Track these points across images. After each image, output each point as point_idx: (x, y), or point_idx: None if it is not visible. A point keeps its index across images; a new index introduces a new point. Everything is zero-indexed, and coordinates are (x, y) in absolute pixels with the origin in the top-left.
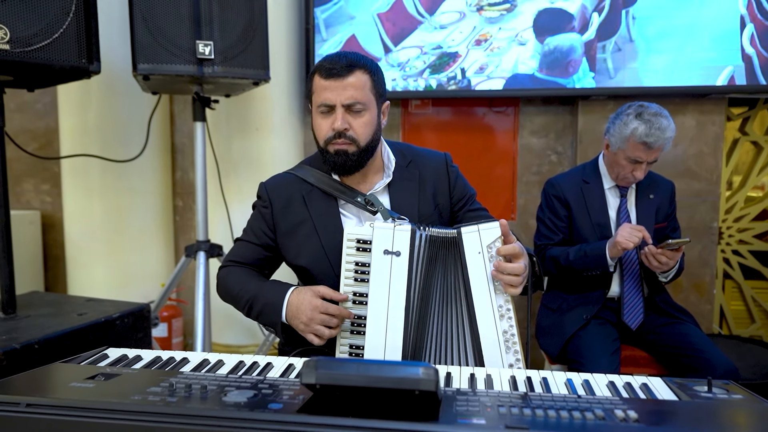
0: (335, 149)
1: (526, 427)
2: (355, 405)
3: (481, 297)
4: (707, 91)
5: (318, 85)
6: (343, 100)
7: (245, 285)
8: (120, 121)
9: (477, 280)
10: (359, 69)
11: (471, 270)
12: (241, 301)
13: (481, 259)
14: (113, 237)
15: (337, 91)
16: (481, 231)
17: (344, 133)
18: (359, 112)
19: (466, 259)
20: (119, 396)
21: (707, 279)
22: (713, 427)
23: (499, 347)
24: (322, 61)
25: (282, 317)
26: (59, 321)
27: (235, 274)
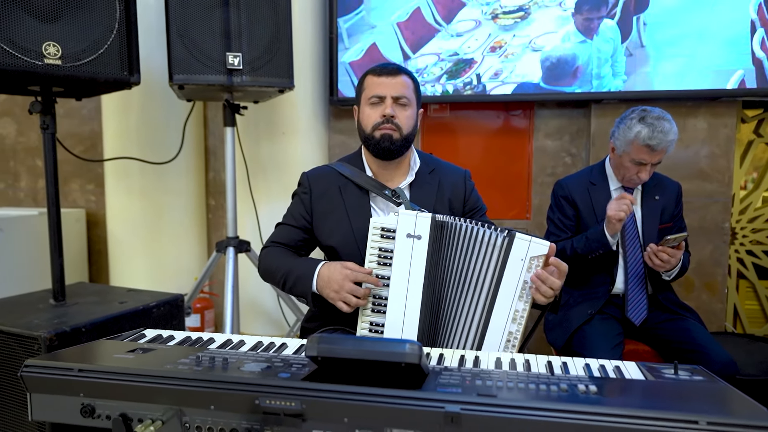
0: (381, 134)
1: (495, 395)
2: (353, 376)
3: (505, 296)
4: (718, 95)
5: (371, 81)
6: (393, 93)
7: (281, 262)
8: (158, 126)
9: (508, 281)
10: (405, 74)
11: (508, 270)
12: (277, 275)
13: (521, 266)
14: (151, 233)
15: (388, 85)
16: (532, 242)
17: (391, 120)
18: (404, 106)
19: (509, 259)
20: (155, 365)
21: (719, 278)
22: (664, 399)
23: (500, 344)
24: (374, 67)
25: (313, 287)
26: (103, 308)
27: (274, 253)
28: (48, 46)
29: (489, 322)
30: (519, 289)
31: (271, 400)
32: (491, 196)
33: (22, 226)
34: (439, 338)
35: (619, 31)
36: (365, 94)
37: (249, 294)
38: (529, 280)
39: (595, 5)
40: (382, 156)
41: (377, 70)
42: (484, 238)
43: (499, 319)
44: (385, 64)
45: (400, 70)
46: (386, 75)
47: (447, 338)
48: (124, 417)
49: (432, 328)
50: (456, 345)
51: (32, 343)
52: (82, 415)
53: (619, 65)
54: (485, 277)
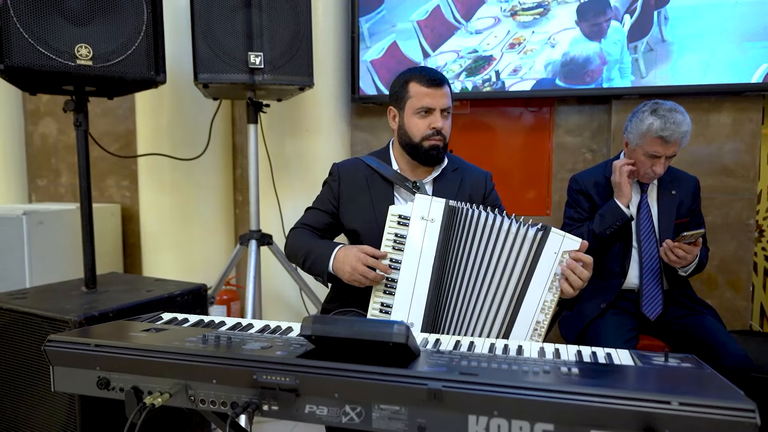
0: (431, 144)
1: (476, 374)
2: (347, 355)
3: (536, 287)
4: (742, 89)
5: (418, 91)
6: (441, 105)
7: (304, 242)
8: (188, 124)
9: (541, 272)
10: (447, 83)
11: (541, 262)
12: (299, 254)
13: (554, 258)
14: (181, 228)
15: (436, 98)
16: (566, 237)
17: (440, 131)
18: (447, 116)
19: (542, 252)
20: (163, 342)
21: (743, 276)
22: (643, 382)
23: (528, 333)
24: (418, 73)
25: (329, 267)
26: (131, 295)
27: (300, 233)
28: (80, 48)
29: (518, 311)
30: (549, 281)
31: (268, 375)
32: (511, 192)
33: (62, 219)
34: (448, 322)
35: (625, 33)
36: (412, 103)
37: (272, 286)
38: (559, 272)
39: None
40: (428, 163)
41: (423, 79)
42: (511, 229)
43: (528, 308)
44: (428, 71)
45: (444, 79)
46: (434, 87)
47: (459, 323)
48: (135, 389)
49: (439, 311)
50: (475, 332)
51: (63, 326)
52: (98, 387)
53: (627, 62)
54: (513, 267)
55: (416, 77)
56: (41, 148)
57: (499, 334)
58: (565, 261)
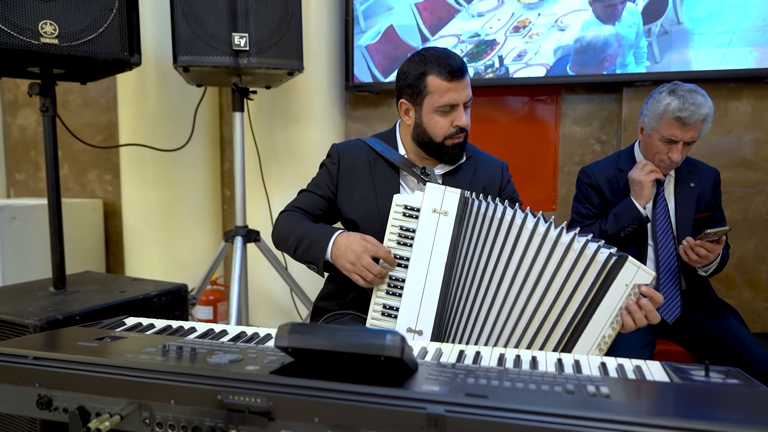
0: (453, 143)
1: (486, 395)
2: (331, 371)
3: (599, 319)
4: (764, 75)
5: (438, 85)
6: (465, 99)
7: (297, 226)
8: (172, 114)
9: (607, 304)
10: (466, 68)
11: (610, 293)
12: (290, 239)
13: (624, 291)
14: (166, 224)
15: (459, 91)
16: (640, 269)
17: (463, 128)
18: (468, 108)
19: (613, 284)
20: (115, 354)
21: (763, 275)
22: (688, 406)
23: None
24: (435, 64)
25: (326, 254)
26: (102, 296)
27: (292, 216)
28: (45, 25)
29: (574, 343)
30: (614, 315)
31: (236, 395)
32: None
33: (38, 215)
34: (462, 332)
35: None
36: (432, 100)
37: (260, 286)
38: (624, 306)
39: None
40: (450, 162)
41: (444, 71)
42: (561, 240)
43: (585, 342)
44: (447, 59)
45: (464, 66)
46: (457, 79)
47: (477, 336)
48: (81, 410)
49: (452, 319)
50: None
51: (23, 330)
52: (39, 407)
53: (643, 47)
54: (574, 290)
55: (435, 69)
56: (20, 141)
57: None
58: (633, 296)
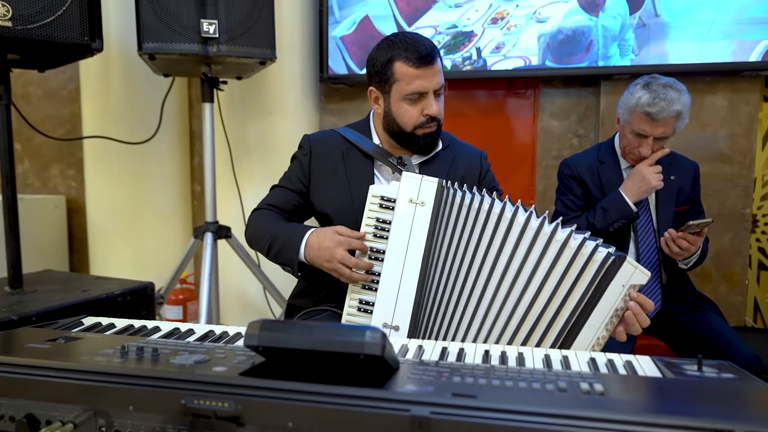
0: (425, 132)
1: (474, 395)
2: (305, 371)
3: (595, 320)
4: (740, 68)
5: (407, 73)
6: (435, 86)
7: (269, 226)
8: (138, 105)
9: (604, 305)
10: (438, 55)
11: (607, 294)
12: (262, 239)
13: (621, 292)
14: (133, 221)
15: (428, 78)
16: (637, 270)
17: (434, 117)
18: (440, 95)
19: (611, 285)
20: (68, 357)
21: (738, 269)
22: (687, 402)
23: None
24: (403, 49)
25: (300, 255)
26: (62, 296)
27: (264, 215)
28: None
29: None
30: (609, 316)
31: (202, 399)
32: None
33: None
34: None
35: (627, 5)
36: (399, 87)
37: (232, 284)
38: (620, 307)
39: None
40: (423, 152)
41: (412, 57)
42: (570, 243)
43: (580, 344)
44: (415, 44)
45: (434, 50)
46: (425, 66)
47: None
48: (30, 419)
49: (430, 313)
50: None
51: None
52: None
53: (629, 39)
54: (571, 288)
55: (402, 55)
56: None
57: None
58: (628, 297)
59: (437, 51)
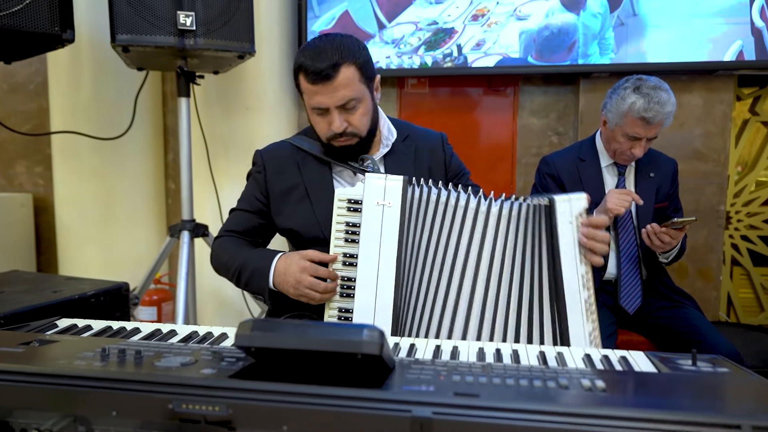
0: (341, 145)
1: (477, 394)
2: (298, 371)
3: (568, 266)
4: (715, 67)
5: (305, 87)
6: (336, 102)
7: (235, 253)
8: (110, 100)
9: (566, 248)
10: (344, 65)
11: (561, 238)
12: (230, 269)
13: (572, 228)
14: (104, 220)
15: (327, 95)
16: (572, 200)
17: (345, 132)
18: (354, 108)
19: (558, 227)
20: (45, 361)
21: (713, 265)
22: (690, 397)
23: (582, 314)
24: (305, 60)
25: (269, 283)
26: (32, 297)
27: (227, 243)
28: None
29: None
30: (577, 252)
31: (189, 403)
32: (472, 177)
33: None
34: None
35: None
36: (305, 99)
37: (209, 283)
38: (579, 241)
39: None
40: (350, 159)
41: (309, 72)
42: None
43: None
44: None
45: (337, 64)
46: (321, 82)
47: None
48: (4, 426)
49: (410, 312)
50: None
51: None
52: None
53: (609, 37)
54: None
55: (302, 68)
56: None
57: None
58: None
59: (344, 60)
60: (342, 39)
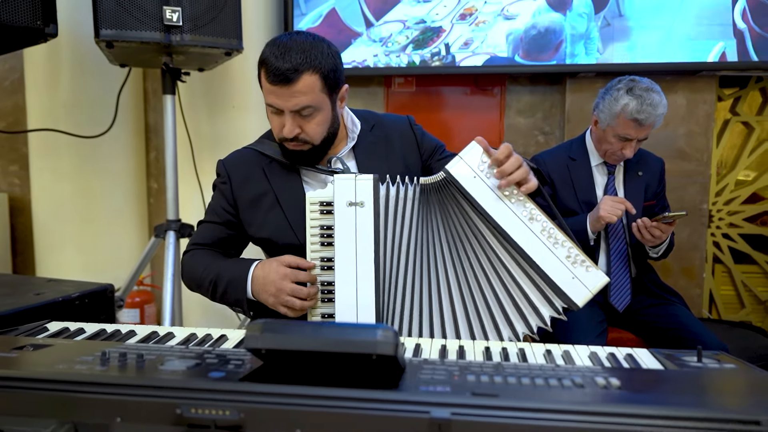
0: (293, 150)
1: (496, 394)
2: (308, 373)
3: (503, 214)
4: (698, 68)
5: (265, 85)
6: (291, 107)
7: (208, 266)
8: (90, 97)
9: (488, 201)
10: (307, 72)
11: (477, 197)
12: (204, 282)
13: (480, 181)
14: (84, 221)
15: (284, 97)
16: (463, 156)
17: (296, 137)
18: (310, 115)
19: (467, 190)
20: (42, 365)
21: (696, 263)
22: (705, 394)
23: (545, 245)
24: (269, 55)
25: (247, 293)
26: (13, 300)
27: (198, 256)
28: None
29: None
30: (503, 198)
31: (199, 408)
32: None
33: None
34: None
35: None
36: (263, 92)
37: None
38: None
39: None
40: (306, 163)
41: (269, 69)
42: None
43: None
44: (279, 54)
45: (299, 69)
46: (279, 84)
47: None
48: None
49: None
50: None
51: None
52: None
53: (594, 38)
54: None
55: (265, 63)
56: None
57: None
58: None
59: (307, 66)
60: (313, 43)
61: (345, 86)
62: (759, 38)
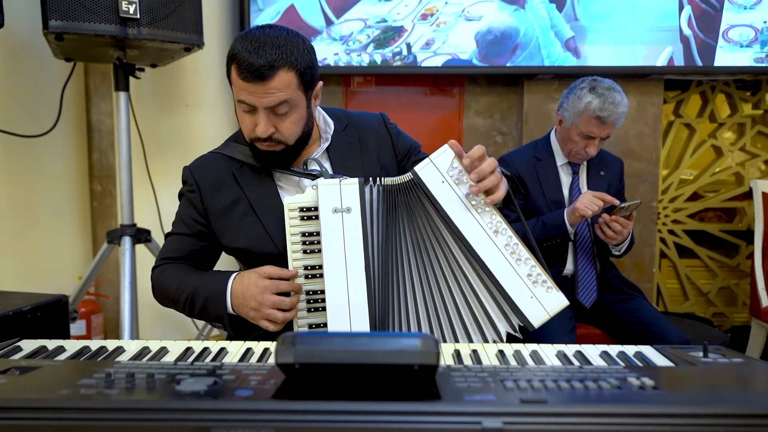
0: (264, 149)
1: (544, 400)
2: (338, 386)
3: (467, 224)
4: (648, 72)
5: (236, 81)
6: (266, 104)
7: (182, 281)
8: (27, 93)
9: (454, 209)
10: (282, 68)
11: (443, 202)
12: (180, 299)
13: (448, 186)
14: (20, 226)
15: (258, 95)
16: (433, 160)
17: (270, 137)
18: (285, 113)
19: (434, 194)
20: (42, 392)
21: (647, 258)
22: (740, 390)
23: (507, 261)
24: (241, 50)
25: (228, 308)
26: None
27: (169, 271)
28: None
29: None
30: (469, 207)
31: (232, 429)
32: None
33: None
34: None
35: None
36: (233, 91)
37: (148, 294)
38: (467, 193)
39: None
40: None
41: (242, 65)
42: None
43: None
44: (252, 49)
45: (274, 66)
46: (252, 81)
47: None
48: None
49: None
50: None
51: None
52: None
53: (552, 41)
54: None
55: (236, 59)
56: None
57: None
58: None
59: (282, 62)
60: (288, 37)
61: (320, 83)
62: (703, 44)
